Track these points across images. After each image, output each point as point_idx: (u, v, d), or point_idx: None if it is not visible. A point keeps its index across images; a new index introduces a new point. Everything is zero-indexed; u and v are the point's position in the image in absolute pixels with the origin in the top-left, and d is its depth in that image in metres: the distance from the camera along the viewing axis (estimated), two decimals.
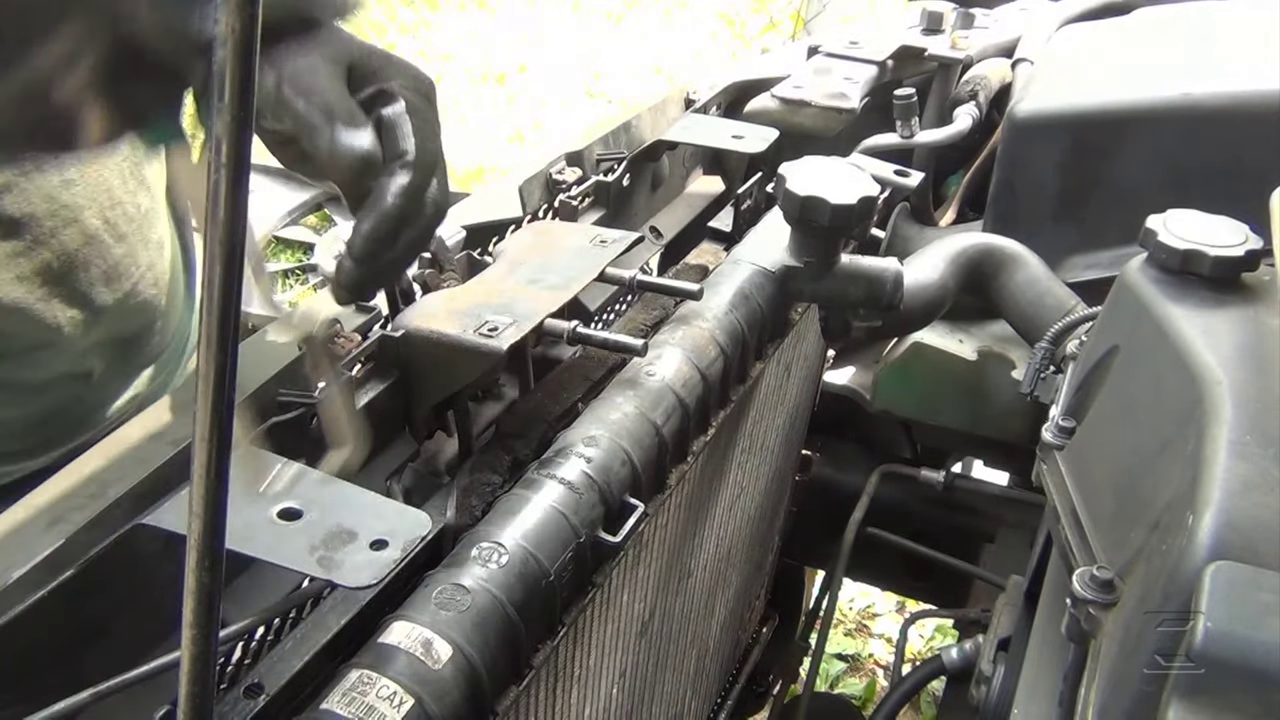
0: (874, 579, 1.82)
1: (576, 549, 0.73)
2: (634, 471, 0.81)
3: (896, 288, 1.08)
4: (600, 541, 0.75)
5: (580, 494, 0.75)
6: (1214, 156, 1.22)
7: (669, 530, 0.94)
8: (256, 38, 0.29)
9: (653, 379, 0.88)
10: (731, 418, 1.02)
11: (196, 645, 0.35)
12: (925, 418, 1.43)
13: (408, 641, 0.64)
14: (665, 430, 0.86)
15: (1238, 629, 0.53)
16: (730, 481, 1.11)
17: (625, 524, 0.77)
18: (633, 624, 0.91)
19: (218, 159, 0.30)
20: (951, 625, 2.22)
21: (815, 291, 1.08)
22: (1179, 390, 0.72)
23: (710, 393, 0.94)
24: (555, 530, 0.73)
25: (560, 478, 0.76)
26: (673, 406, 0.88)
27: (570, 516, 0.74)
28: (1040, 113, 1.31)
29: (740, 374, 1.02)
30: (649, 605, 0.94)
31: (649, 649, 0.98)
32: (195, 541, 0.33)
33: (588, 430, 0.81)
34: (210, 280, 0.31)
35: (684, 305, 1.00)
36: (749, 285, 1.04)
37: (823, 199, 0.97)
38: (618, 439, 0.81)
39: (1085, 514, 0.79)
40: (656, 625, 0.98)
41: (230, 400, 0.32)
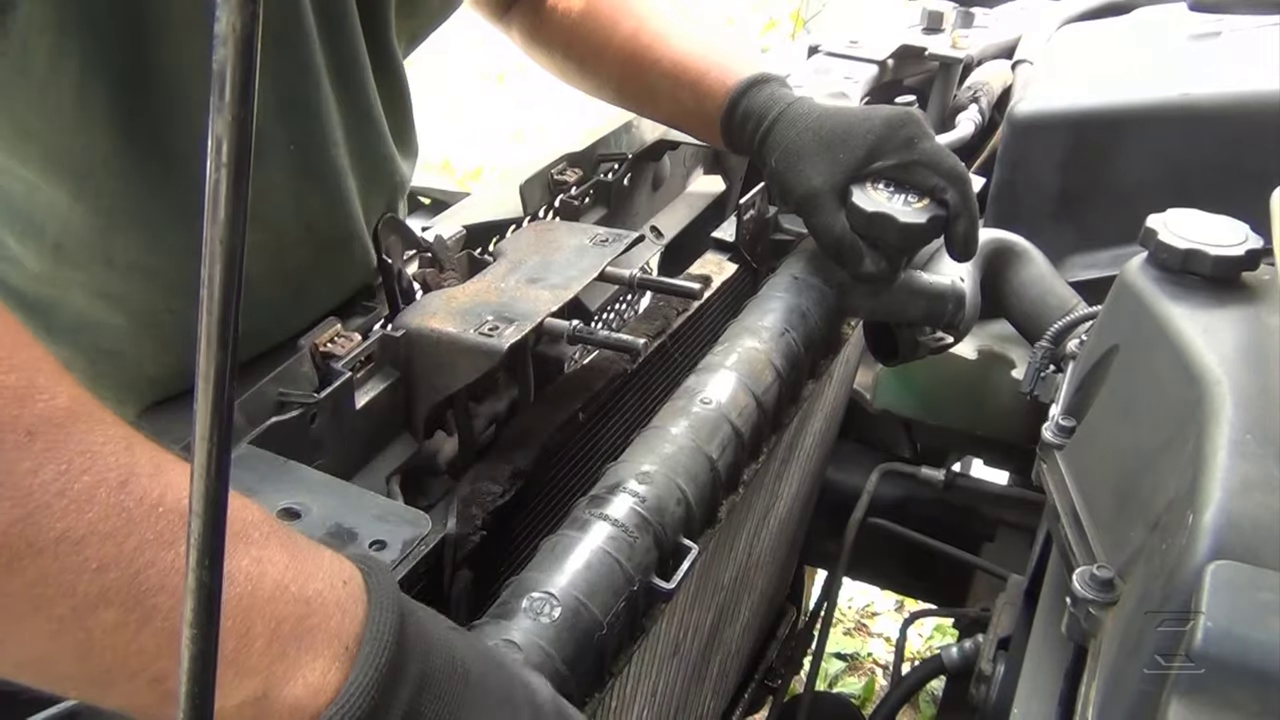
0: (874, 578, 1.82)
1: (629, 597, 0.69)
2: (689, 510, 0.77)
3: (959, 307, 1.05)
4: (654, 588, 0.71)
5: (634, 538, 0.71)
6: (1214, 156, 1.22)
7: (707, 553, 0.90)
8: (257, 37, 0.29)
9: (708, 407, 0.84)
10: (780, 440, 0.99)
11: (196, 645, 0.35)
12: (925, 417, 1.43)
13: None
14: (720, 464, 0.82)
15: (1238, 629, 0.53)
16: (768, 492, 1.07)
17: (680, 569, 0.73)
18: (667, 648, 0.88)
19: (218, 159, 0.30)
20: (951, 624, 2.22)
21: (874, 308, 1.05)
22: (1179, 389, 0.72)
23: (765, 419, 0.90)
24: (608, 578, 0.68)
25: (612, 519, 0.71)
26: (728, 438, 0.83)
27: (624, 563, 0.69)
28: (1040, 113, 1.31)
29: (793, 395, 0.98)
30: (682, 625, 0.91)
31: (679, 667, 0.95)
32: (195, 541, 0.33)
33: (640, 465, 0.76)
34: (210, 280, 0.31)
35: (738, 323, 0.96)
36: (806, 302, 0.99)
37: (891, 217, 0.94)
38: (673, 476, 0.76)
39: (1085, 513, 0.79)
40: (688, 643, 0.95)
41: (230, 400, 0.32)
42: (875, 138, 0.97)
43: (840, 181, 0.97)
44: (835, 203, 0.98)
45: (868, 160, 0.97)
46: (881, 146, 0.97)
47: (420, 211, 1.44)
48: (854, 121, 0.99)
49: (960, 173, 0.97)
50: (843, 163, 0.97)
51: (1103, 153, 1.28)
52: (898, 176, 0.97)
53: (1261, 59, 1.27)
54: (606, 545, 0.69)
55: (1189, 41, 1.41)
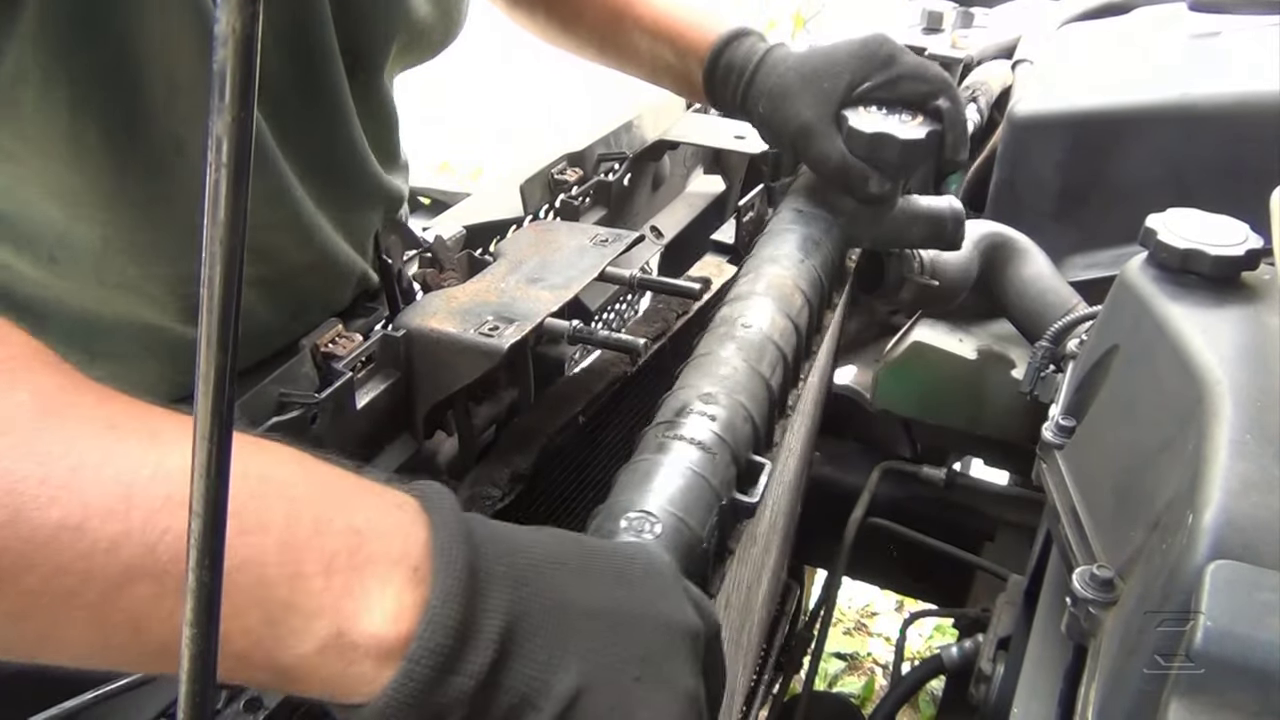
0: (874, 578, 1.82)
1: (720, 512, 0.68)
2: (755, 428, 0.76)
3: (958, 225, 1.06)
4: (738, 503, 0.70)
5: (714, 454, 0.70)
6: (1214, 156, 1.22)
7: (772, 475, 0.88)
8: (257, 37, 0.29)
9: (750, 330, 0.83)
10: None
11: (196, 645, 0.35)
12: (925, 417, 1.43)
13: None
14: (773, 383, 0.81)
15: (1238, 628, 0.53)
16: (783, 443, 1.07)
17: (758, 483, 0.72)
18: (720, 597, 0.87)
19: (218, 159, 0.30)
20: (951, 624, 2.22)
21: (877, 236, 1.05)
22: (1179, 389, 0.72)
23: (800, 343, 0.90)
24: (699, 494, 0.67)
25: (689, 438, 0.71)
26: (776, 359, 0.83)
27: (710, 479, 0.68)
28: (1040, 112, 1.31)
29: (818, 323, 0.98)
30: (734, 579, 0.90)
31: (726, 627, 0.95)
32: (195, 540, 0.33)
33: (701, 388, 0.76)
34: (210, 280, 0.31)
35: (755, 255, 0.96)
36: (815, 231, 0.99)
37: (891, 135, 0.95)
38: (735, 395, 0.76)
39: (1085, 513, 0.79)
40: (733, 598, 0.95)
41: (230, 400, 0.32)
42: (857, 61, 0.99)
43: (831, 111, 0.99)
44: (830, 130, 0.99)
45: (854, 84, 0.99)
46: (864, 68, 0.98)
47: (420, 211, 1.44)
48: (832, 53, 1.01)
49: (946, 78, 1.00)
50: (829, 92, 0.99)
51: (1103, 153, 1.28)
52: (886, 96, 0.99)
53: (1261, 59, 1.27)
54: (691, 464, 0.68)
55: (1189, 41, 1.41)
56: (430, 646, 0.44)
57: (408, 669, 0.44)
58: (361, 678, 0.44)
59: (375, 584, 0.45)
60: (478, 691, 0.45)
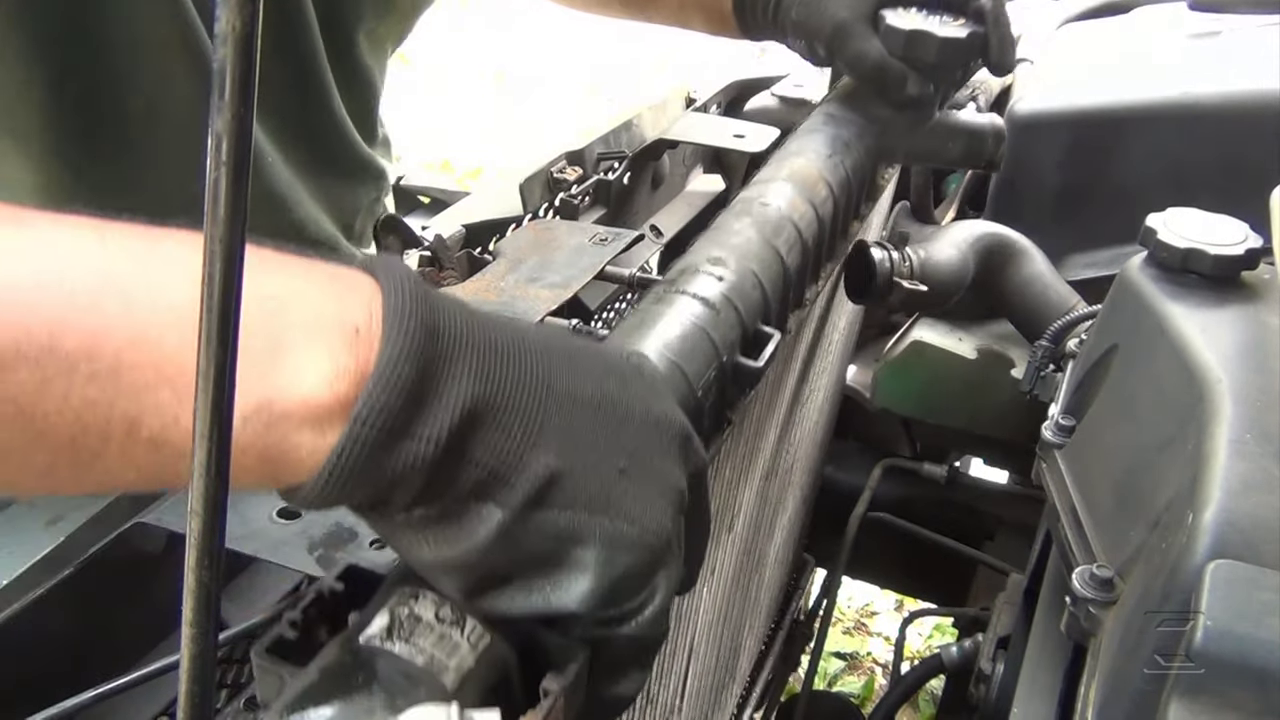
0: (874, 577, 1.82)
1: (719, 370, 0.65)
2: (765, 297, 0.73)
3: (999, 142, 1.01)
4: (740, 367, 0.67)
5: (718, 311, 0.67)
6: (1214, 156, 1.22)
7: (758, 410, 0.86)
8: (257, 36, 0.29)
9: (768, 209, 0.80)
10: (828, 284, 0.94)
11: (196, 644, 0.35)
12: (925, 416, 1.43)
13: None
14: (788, 261, 0.77)
15: (1238, 628, 0.53)
16: (805, 372, 1.03)
17: (764, 352, 0.68)
18: (723, 522, 0.84)
19: (218, 157, 0.30)
20: (950, 624, 2.22)
21: (912, 148, 1.01)
22: (1179, 389, 0.72)
23: (823, 234, 0.85)
24: (698, 345, 0.64)
25: (694, 293, 0.67)
26: (793, 238, 0.79)
27: (711, 334, 0.65)
28: (1040, 112, 1.31)
29: (843, 227, 0.94)
30: (736, 498, 0.88)
31: (732, 550, 0.92)
32: (195, 540, 0.33)
33: (710, 251, 0.72)
34: (210, 278, 0.31)
35: (781, 151, 0.92)
36: (847, 133, 0.95)
37: (929, 33, 0.91)
38: (745, 261, 0.72)
39: (1085, 512, 0.79)
40: (739, 527, 0.92)
41: (230, 399, 0.32)
42: None
43: (868, 10, 0.95)
44: (867, 29, 0.95)
45: None
46: None
47: (420, 211, 1.44)
48: None
49: None
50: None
51: (1103, 152, 1.28)
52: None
53: (1261, 59, 1.27)
54: (692, 317, 0.66)
55: (1189, 41, 1.41)
56: (377, 405, 0.39)
57: (351, 431, 0.39)
58: (301, 449, 0.40)
59: (302, 347, 0.40)
60: (438, 461, 0.40)
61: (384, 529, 0.45)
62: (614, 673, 0.48)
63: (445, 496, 0.42)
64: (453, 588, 0.45)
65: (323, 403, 0.40)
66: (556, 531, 0.43)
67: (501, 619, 0.45)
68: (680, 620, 0.80)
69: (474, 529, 0.42)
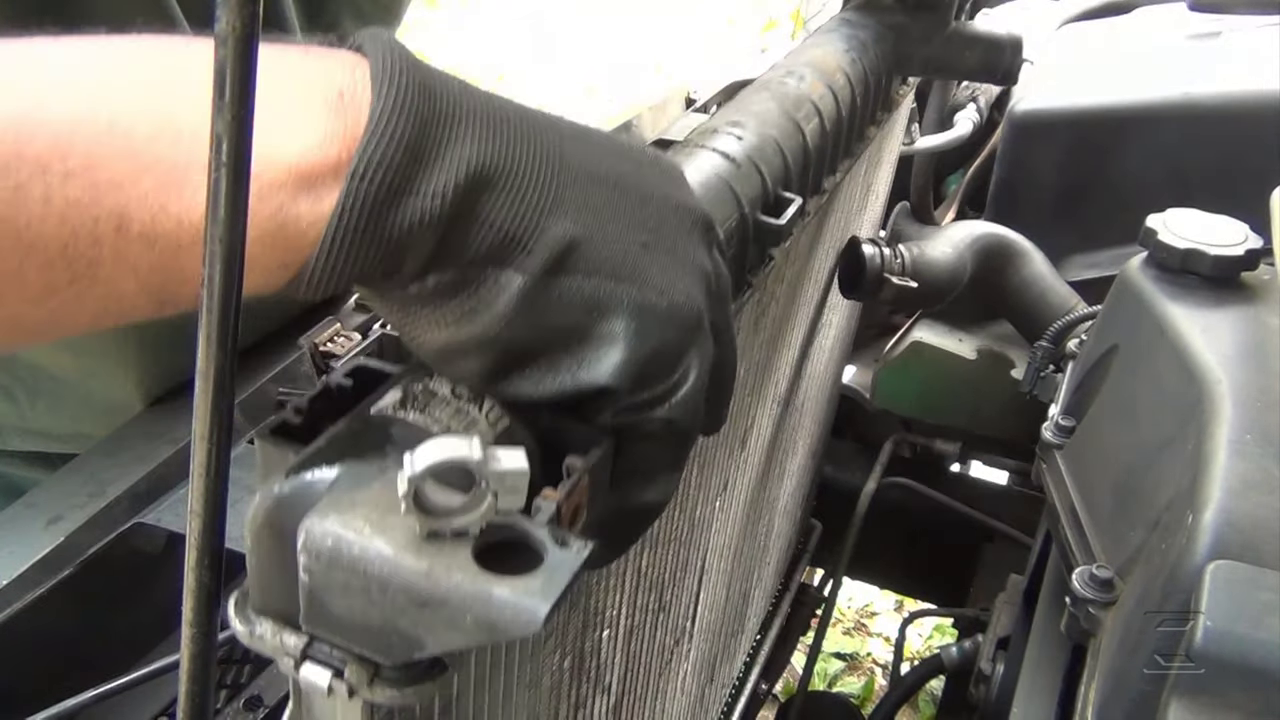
0: (873, 578, 1.82)
1: (740, 223, 0.63)
2: (786, 164, 0.71)
3: (1015, 54, 1.00)
4: (762, 224, 0.65)
5: (739, 166, 0.65)
6: (1214, 156, 1.22)
7: (768, 320, 0.84)
8: (257, 36, 0.29)
9: (787, 87, 0.79)
10: (837, 195, 0.92)
11: (196, 644, 0.35)
12: (925, 417, 1.43)
13: None
14: (808, 134, 0.75)
15: (1237, 628, 0.53)
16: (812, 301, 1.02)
17: (786, 211, 0.66)
18: (740, 422, 0.83)
19: (217, 158, 0.30)
20: (950, 624, 2.22)
21: (929, 56, 1.00)
22: (1179, 389, 0.72)
23: (840, 122, 0.83)
24: (720, 195, 0.62)
25: (715, 148, 0.65)
26: (812, 113, 0.77)
27: (733, 184, 0.63)
28: (1040, 112, 1.31)
29: (860, 127, 0.92)
30: (747, 415, 0.86)
31: (745, 467, 0.91)
32: (195, 540, 0.33)
33: (731, 116, 0.71)
34: (210, 279, 0.31)
35: (797, 49, 0.91)
36: (865, 36, 0.93)
37: None
38: (766, 128, 0.71)
39: (1085, 513, 0.79)
40: (751, 446, 0.92)
41: (230, 398, 0.32)
42: None
43: None
44: None
45: None
46: None
47: None
48: None
49: None
50: None
51: (1103, 152, 1.28)
52: None
53: (1261, 59, 1.27)
54: (713, 168, 0.64)
55: (1189, 41, 1.41)
56: (374, 160, 0.36)
57: (350, 188, 0.37)
58: (300, 220, 0.37)
59: (282, 114, 0.37)
60: (447, 219, 0.38)
61: (396, 310, 0.42)
62: (643, 472, 0.45)
63: (460, 261, 0.39)
64: (473, 371, 0.42)
65: (314, 167, 0.37)
66: (582, 300, 0.41)
67: (525, 403, 0.42)
68: (695, 528, 0.79)
69: (493, 298, 0.40)
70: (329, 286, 0.39)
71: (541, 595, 0.31)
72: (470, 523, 0.33)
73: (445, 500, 0.33)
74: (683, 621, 0.86)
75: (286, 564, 0.34)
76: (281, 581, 0.35)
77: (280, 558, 0.35)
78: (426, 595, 0.32)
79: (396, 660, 0.34)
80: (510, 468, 0.33)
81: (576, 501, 0.40)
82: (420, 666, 0.35)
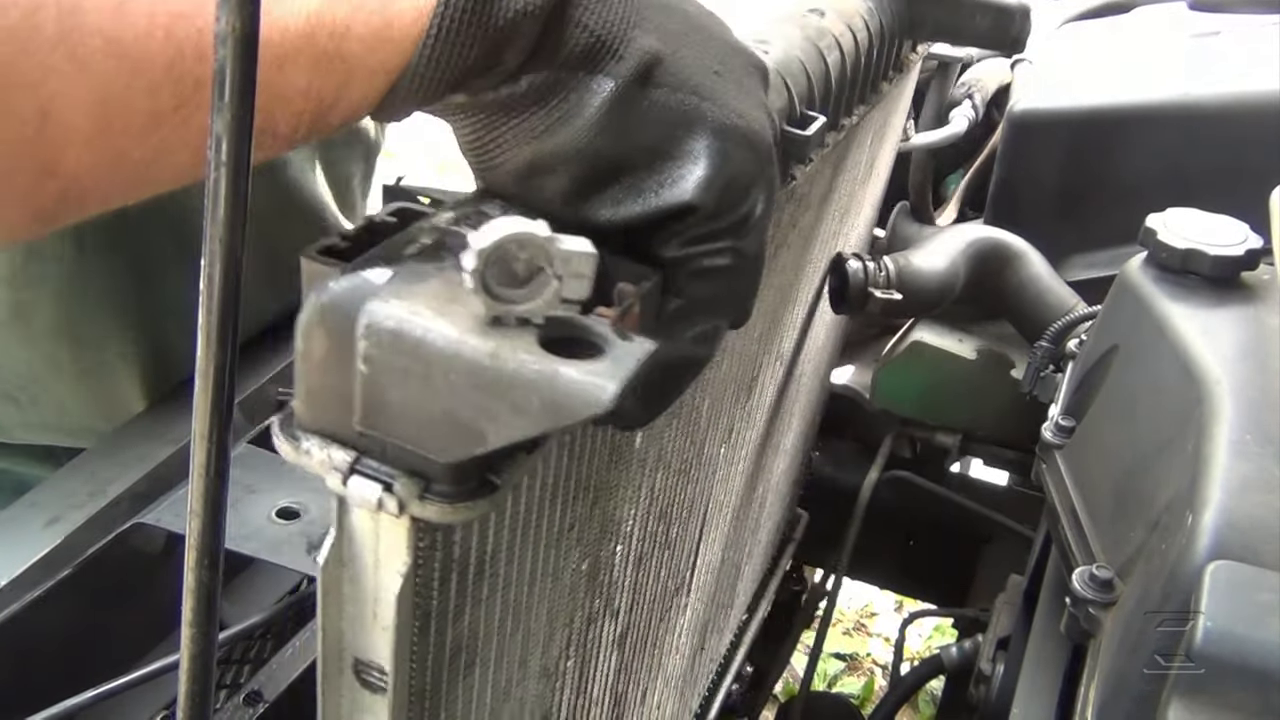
0: (873, 578, 1.82)
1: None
2: (810, 85, 0.71)
3: (1024, 23, 1.00)
4: (788, 134, 0.65)
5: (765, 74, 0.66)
6: (1214, 156, 1.22)
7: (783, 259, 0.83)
8: (257, 35, 0.29)
9: (808, 19, 0.78)
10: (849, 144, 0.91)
11: (196, 644, 0.35)
12: (925, 416, 1.43)
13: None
14: (830, 64, 0.75)
15: (1237, 628, 0.53)
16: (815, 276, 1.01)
17: (811, 124, 0.66)
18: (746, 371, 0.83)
19: (217, 157, 0.30)
20: (950, 624, 2.22)
21: (940, 19, 1.01)
22: (1179, 389, 0.72)
23: (859, 64, 0.83)
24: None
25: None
26: (833, 45, 0.77)
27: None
28: (1040, 112, 1.31)
29: (874, 80, 0.92)
30: (754, 363, 0.86)
31: (750, 420, 0.91)
32: (194, 540, 0.33)
33: (757, 34, 0.70)
34: (210, 279, 0.31)
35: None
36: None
37: None
38: (791, 49, 0.70)
39: (1085, 513, 0.79)
40: (755, 400, 0.91)
41: (230, 398, 0.32)
42: None
43: None
44: None
45: None
46: None
47: None
48: None
49: None
50: None
51: (1102, 152, 1.28)
52: None
53: (1261, 59, 1.27)
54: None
55: (1189, 41, 1.41)
56: None
57: None
58: (404, 16, 0.38)
59: None
60: (544, 17, 0.39)
61: (480, 126, 0.42)
62: (698, 312, 0.44)
63: (554, 62, 0.40)
64: (554, 190, 0.42)
65: None
66: (669, 113, 0.42)
67: (597, 229, 0.41)
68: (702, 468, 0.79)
69: (585, 104, 0.41)
70: (429, 89, 0.39)
71: (609, 376, 0.30)
72: (535, 310, 0.32)
73: (509, 289, 0.32)
74: (683, 570, 0.85)
75: (338, 363, 0.33)
76: (331, 386, 0.34)
77: (332, 357, 0.33)
78: (492, 377, 0.31)
79: (455, 457, 0.33)
80: (577, 249, 0.33)
81: (630, 326, 0.39)
82: (471, 483, 0.34)
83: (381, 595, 0.36)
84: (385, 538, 0.36)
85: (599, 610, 0.64)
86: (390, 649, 0.37)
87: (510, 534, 0.42)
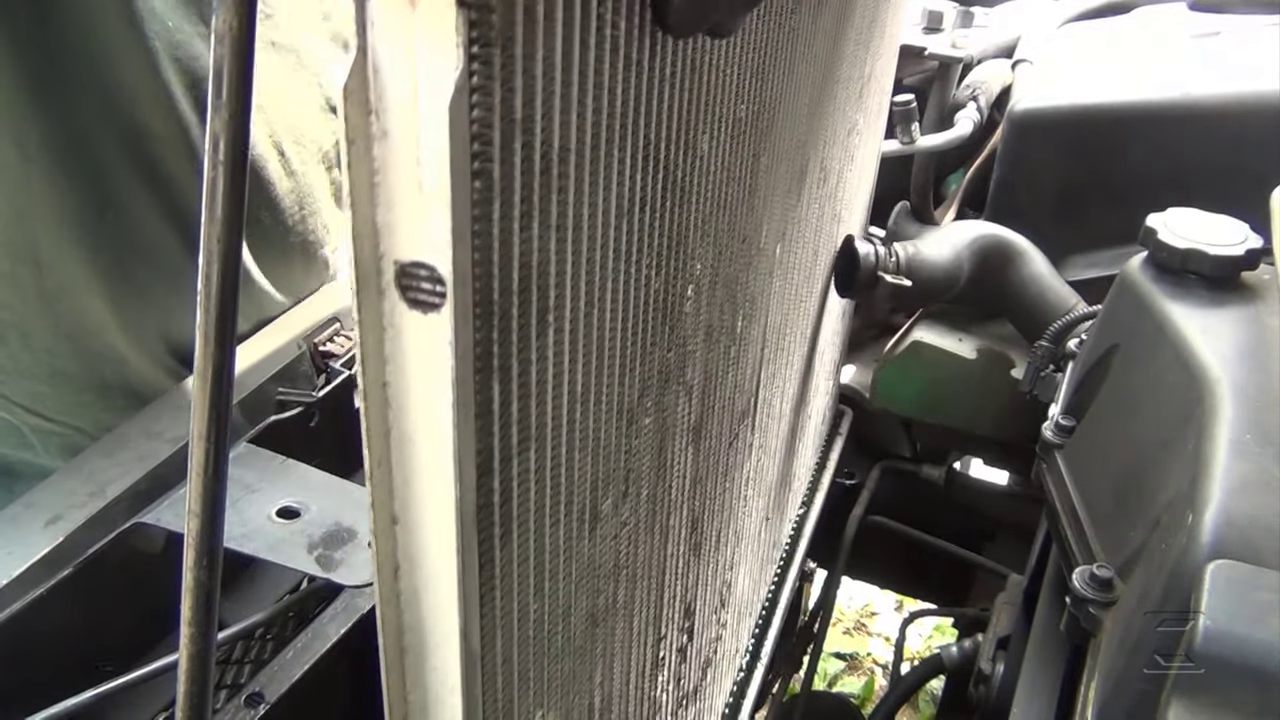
0: (873, 578, 1.82)
1: None
2: None
3: None
4: None
5: None
6: (1214, 156, 1.22)
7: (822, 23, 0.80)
8: (254, 35, 0.29)
9: None
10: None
11: (194, 644, 0.35)
12: (925, 416, 1.43)
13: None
14: None
15: (1237, 628, 0.53)
16: (844, 94, 0.96)
17: None
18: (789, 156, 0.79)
19: (215, 156, 0.30)
20: (950, 624, 2.22)
21: None
22: (1179, 389, 0.72)
23: None
24: None
25: None
26: None
27: None
28: (1041, 111, 1.31)
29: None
30: (805, 126, 0.82)
31: (798, 215, 0.88)
32: (193, 540, 0.33)
33: None
34: (208, 278, 0.31)
35: None
36: None
37: None
38: None
39: (1085, 512, 0.79)
40: (806, 182, 0.87)
41: (228, 398, 0.32)
42: None
43: None
44: None
45: None
46: None
47: None
48: None
49: None
50: None
51: (1103, 152, 1.28)
52: None
53: (1261, 59, 1.27)
54: None
55: (1189, 41, 1.41)
56: None
57: None
58: None
59: None
60: None
61: None
62: None
63: None
64: None
65: None
66: None
67: None
68: (760, 257, 0.76)
69: None
70: None
71: None
72: None
73: None
74: (749, 388, 0.83)
75: None
76: None
77: None
78: None
79: None
80: None
81: None
82: None
83: (425, 135, 0.24)
84: (423, 23, 0.24)
85: (672, 365, 0.59)
86: (448, 226, 0.25)
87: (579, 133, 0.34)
